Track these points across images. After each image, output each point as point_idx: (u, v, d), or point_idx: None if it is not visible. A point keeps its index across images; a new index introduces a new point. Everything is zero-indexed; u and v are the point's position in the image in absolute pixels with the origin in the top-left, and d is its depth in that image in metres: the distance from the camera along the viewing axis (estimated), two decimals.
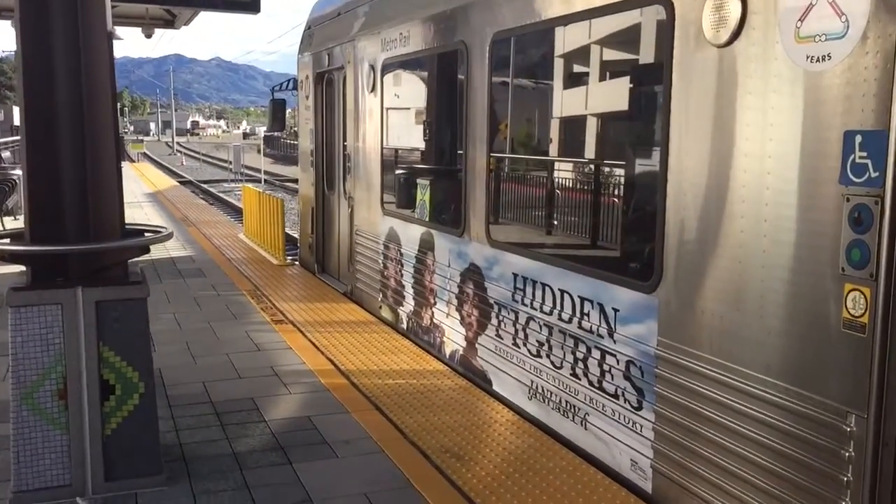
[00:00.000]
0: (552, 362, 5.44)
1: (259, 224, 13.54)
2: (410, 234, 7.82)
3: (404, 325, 8.07)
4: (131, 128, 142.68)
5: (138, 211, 19.04)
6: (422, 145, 8.34)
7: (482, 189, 6.33)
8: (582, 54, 5.40)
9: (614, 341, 4.77)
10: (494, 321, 6.20)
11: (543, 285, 5.52)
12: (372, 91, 8.74)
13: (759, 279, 3.71)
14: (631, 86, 4.91)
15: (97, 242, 4.34)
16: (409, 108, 8.75)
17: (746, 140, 3.75)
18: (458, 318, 6.84)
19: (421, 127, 8.24)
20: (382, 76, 8.46)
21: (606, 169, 5.23)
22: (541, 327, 5.56)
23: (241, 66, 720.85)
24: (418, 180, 7.99)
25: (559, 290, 5.33)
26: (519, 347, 5.86)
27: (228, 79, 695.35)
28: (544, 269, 5.52)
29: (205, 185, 35.85)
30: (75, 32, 4.24)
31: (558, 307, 5.34)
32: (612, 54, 5.18)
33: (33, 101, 4.22)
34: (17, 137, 32.86)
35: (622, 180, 5.07)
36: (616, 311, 4.75)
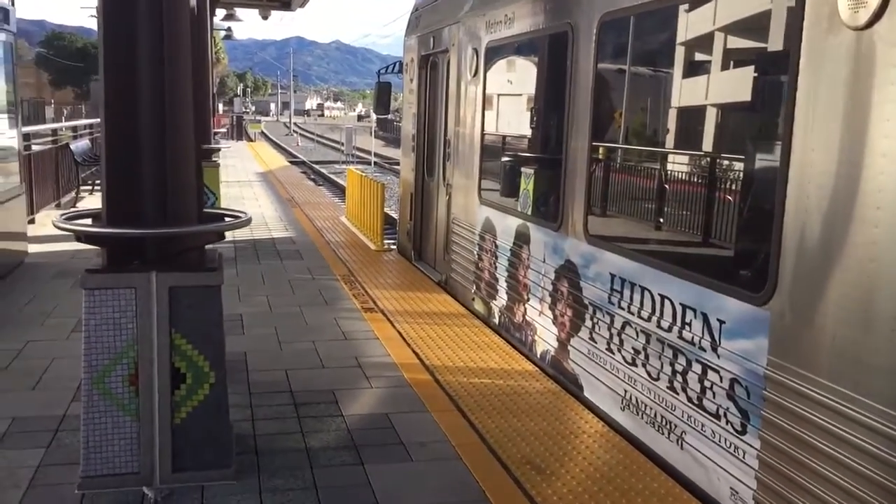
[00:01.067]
0: (648, 373, 5.01)
1: (360, 208, 13.48)
2: (506, 226, 7.48)
3: (496, 320, 7.75)
4: (252, 108, 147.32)
5: (248, 189, 19.43)
6: (521, 133, 7.97)
7: (582, 181, 5.93)
8: (698, 39, 4.90)
9: (718, 356, 4.31)
10: (588, 323, 5.80)
11: (642, 288, 5.08)
12: (475, 75, 8.42)
13: (893, 299, 3.20)
14: (754, 74, 4.39)
15: (173, 227, 4.21)
16: (510, 94, 8.39)
17: (885, 138, 3.23)
18: (551, 316, 6.47)
19: (521, 114, 7.86)
20: (486, 60, 8.13)
21: (718, 163, 4.73)
22: (637, 334, 5.13)
23: (358, 49, 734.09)
24: (516, 170, 7.63)
25: (659, 294, 4.89)
26: (613, 353, 5.45)
27: (346, 61, 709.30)
28: (643, 271, 5.08)
29: (317, 166, 36.46)
30: (159, 18, 4.10)
31: (657, 313, 4.90)
32: (733, 39, 4.66)
33: (113, 83, 4.11)
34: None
35: (735, 177, 4.56)
36: (721, 322, 4.28)
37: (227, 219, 4.82)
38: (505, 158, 8.14)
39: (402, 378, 6.19)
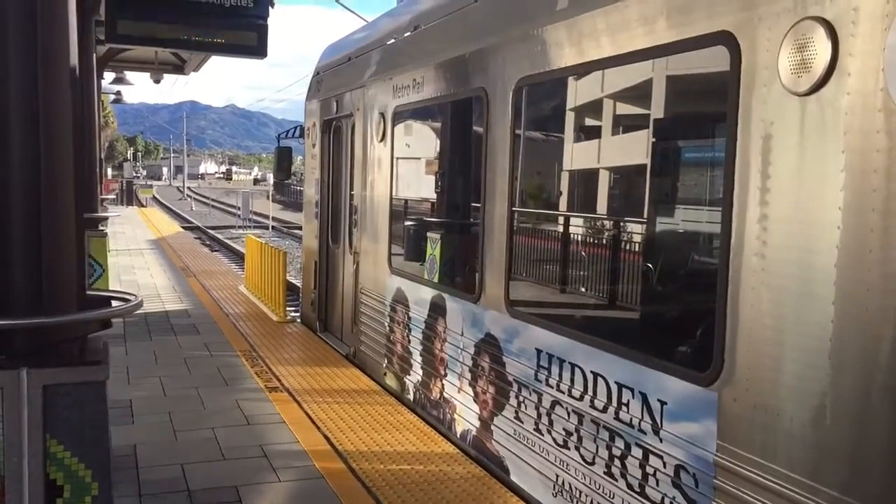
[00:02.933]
0: (582, 456, 4.67)
1: (260, 276, 12.86)
2: (419, 297, 7.11)
3: (410, 397, 7.31)
4: (144, 172, 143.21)
5: (139, 258, 18.44)
6: (433, 199, 7.69)
7: (501, 250, 5.63)
8: (625, 102, 4.75)
9: (660, 440, 4.01)
10: (513, 402, 5.45)
11: (572, 365, 4.78)
12: (382, 139, 8.11)
13: (856, 382, 2.97)
14: (691, 138, 4.23)
15: (48, 315, 3.63)
16: (419, 159, 8.13)
17: (839, 209, 3.04)
18: (472, 394, 6.09)
19: (432, 180, 7.60)
20: (394, 124, 7.85)
21: (655, 230, 4.52)
22: (569, 414, 4.81)
23: (254, 114, 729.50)
24: (429, 238, 7.31)
25: (591, 372, 4.59)
26: (542, 434, 5.10)
27: (242, 125, 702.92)
28: (572, 347, 4.79)
29: (212, 231, 35.31)
30: (34, 81, 3.59)
31: (590, 392, 4.60)
32: (668, 101, 4.50)
33: None
34: None
35: (675, 245, 4.35)
36: (663, 403, 4.00)
37: (115, 302, 4.26)
38: (417, 225, 7.82)
39: (313, 468, 5.65)
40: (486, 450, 5.86)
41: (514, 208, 5.53)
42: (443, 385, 6.62)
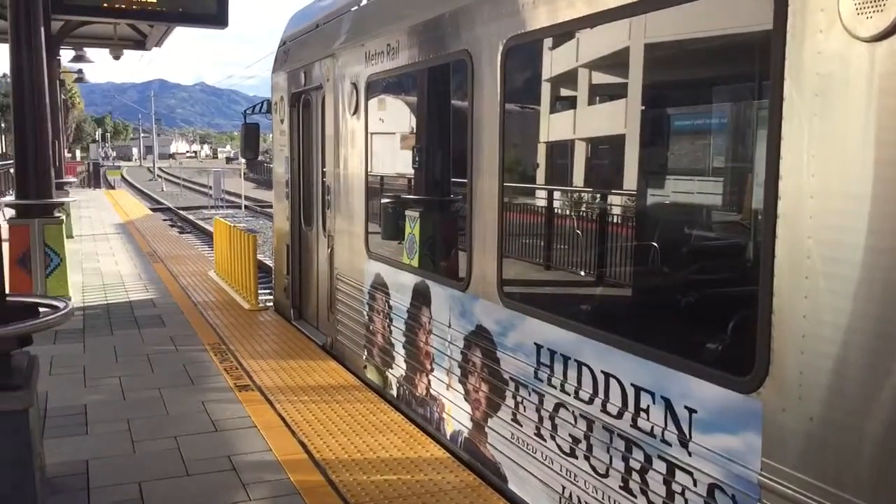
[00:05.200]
0: (593, 467, 4.10)
1: (230, 262, 12.16)
2: (400, 283, 6.49)
3: (394, 392, 6.71)
4: (113, 153, 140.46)
5: (103, 244, 17.62)
6: (412, 176, 7.04)
7: (493, 231, 5.01)
8: (638, 61, 4.10)
9: (689, 453, 3.44)
10: (510, 402, 4.87)
11: (578, 363, 4.19)
12: (355, 112, 7.43)
13: None
14: (708, 104, 3.62)
15: None
16: (396, 133, 7.47)
17: None
18: (462, 392, 5.50)
19: (410, 155, 6.95)
20: (367, 95, 7.16)
21: (678, 203, 3.91)
22: (576, 419, 4.23)
23: (224, 91, 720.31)
24: (409, 219, 6.67)
25: (602, 372, 4.01)
26: (545, 440, 4.52)
27: (212, 103, 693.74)
28: (578, 343, 4.19)
29: (183, 212, 34.36)
30: None
31: (601, 395, 4.02)
32: (688, 56, 3.88)
33: None
34: None
35: (702, 221, 3.76)
36: (691, 411, 3.42)
37: (43, 309, 3.60)
38: (395, 206, 7.17)
39: (287, 483, 5.04)
40: (479, 454, 5.29)
41: (505, 183, 4.91)
42: (429, 381, 6.02)
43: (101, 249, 16.69)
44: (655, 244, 4.16)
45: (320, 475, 5.15)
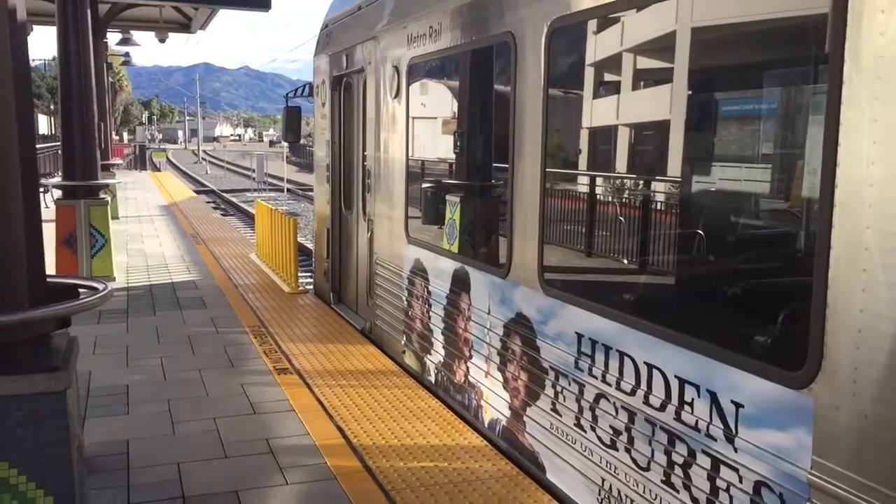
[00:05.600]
0: (634, 460, 4.01)
1: (271, 246, 12.22)
2: (439, 269, 6.43)
3: (432, 378, 6.67)
4: (159, 136, 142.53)
5: (148, 225, 17.87)
6: (454, 161, 6.95)
7: (534, 217, 4.92)
8: (691, 44, 3.97)
9: (735, 449, 3.33)
10: (550, 391, 4.78)
11: (620, 354, 4.09)
12: (396, 96, 7.37)
13: None
14: (762, 89, 3.48)
15: None
16: (438, 117, 7.38)
17: None
18: (501, 379, 5.43)
19: (452, 140, 6.86)
20: (409, 78, 7.09)
21: (726, 192, 3.78)
22: (617, 410, 4.13)
23: (268, 75, 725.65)
24: (449, 204, 6.60)
25: (645, 363, 3.91)
26: (585, 431, 4.44)
27: (256, 87, 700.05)
28: (620, 333, 4.09)
29: (227, 195, 34.73)
30: None
31: (643, 387, 3.92)
32: (744, 37, 3.75)
33: None
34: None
35: (753, 209, 3.62)
36: (738, 406, 3.31)
37: (82, 291, 3.61)
38: (436, 190, 7.10)
39: (324, 467, 5.03)
40: (517, 443, 5.22)
41: (548, 169, 4.80)
42: (468, 368, 5.96)
43: (146, 231, 16.93)
44: (701, 232, 4.04)
45: (357, 460, 5.13)
